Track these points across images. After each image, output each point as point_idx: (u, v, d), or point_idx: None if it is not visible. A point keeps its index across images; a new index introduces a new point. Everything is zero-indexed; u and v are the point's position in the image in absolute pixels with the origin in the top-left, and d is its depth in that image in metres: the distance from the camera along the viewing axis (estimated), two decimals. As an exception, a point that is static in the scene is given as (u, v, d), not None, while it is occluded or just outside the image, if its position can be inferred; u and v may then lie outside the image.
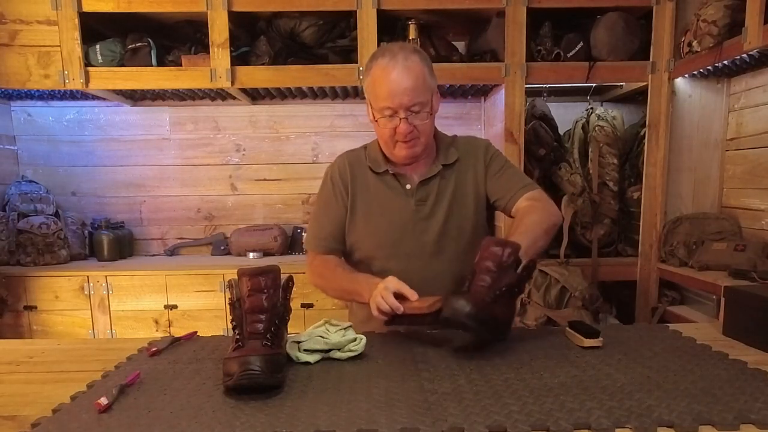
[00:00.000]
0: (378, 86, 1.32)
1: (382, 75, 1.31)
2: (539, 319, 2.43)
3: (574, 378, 1.00)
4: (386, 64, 1.30)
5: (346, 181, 1.46)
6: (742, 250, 2.17)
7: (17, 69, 2.55)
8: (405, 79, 1.29)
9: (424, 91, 1.32)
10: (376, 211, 1.44)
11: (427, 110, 1.34)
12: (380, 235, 1.43)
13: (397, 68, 1.29)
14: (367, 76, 1.36)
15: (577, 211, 2.66)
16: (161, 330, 2.67)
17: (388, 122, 1.33)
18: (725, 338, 1.26)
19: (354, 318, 1.54)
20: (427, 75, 1.33)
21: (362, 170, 1.46)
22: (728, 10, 2.09)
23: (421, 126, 1.34)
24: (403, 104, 1.30)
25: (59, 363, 1.18)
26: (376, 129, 1.39)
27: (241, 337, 0.99)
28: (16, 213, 2.77)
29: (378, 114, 1.34)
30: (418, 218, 1.42)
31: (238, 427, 0.83)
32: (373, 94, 1.35)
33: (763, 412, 0.85)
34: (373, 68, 1.34)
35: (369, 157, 1.47)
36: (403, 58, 1.30)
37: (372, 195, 1.44)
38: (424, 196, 1.42)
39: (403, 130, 1.32)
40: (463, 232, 1.44)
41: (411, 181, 1.43)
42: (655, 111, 2.57)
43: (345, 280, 1.39)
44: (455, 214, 1.43)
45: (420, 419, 0.84)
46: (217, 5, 2.47)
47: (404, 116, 1.31)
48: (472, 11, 2.59)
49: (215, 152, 3.12)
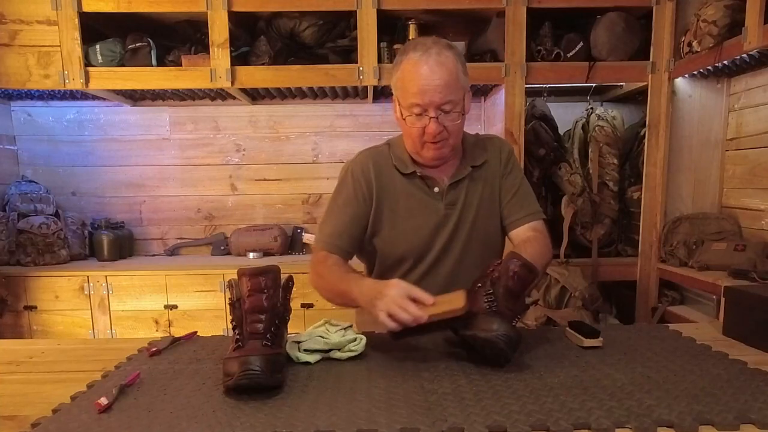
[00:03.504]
0: (408, 82, 1.24)
1: (413, 70, 1.23)
2: (539, 319, 2.43)
3: (574, 378, 1.00)
4: (418, 58, 1.23)
5: (370, 181, 1.37)
6: (742, 250, 2.17)
7: (17, 69, 2.55)
8: (437, 76, 1.21)
9: (456, 90, 1.24)
10: (403, 214, 1.37)
11: (459, 110, 1.26)
12: (408, 240, 1.36)
13: (429, 63, 1.21)
14: (397, 71, 1.28)
15: (577, 211, 2.66)
16: (161, 330, 2.66)
17: (416, 121, 1.26)
18: (725, 338, 1.26)
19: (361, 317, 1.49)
20: (460, 72, 1.25)
21: (388, 170, 1.38)
22: (728, 10, 2.08)
23: (452, 127, 1.27)
24: (434, 102, 1.23)
25: (59, 363, 1.18)
26: (403, 127, 1.32)
27: (241, 337, 0.99)
28: (16, 213, 2.77)
29: (406, 112, 1.27)
30: (448, 222, 1.36)
31: (238, 427, 0.83)
32: (401, 90, 1.27)
33: (763, 412, 0.85)
34: (404, 62, 1.26)
35: (395, 156, 1.38)
36: (436, 53, 1.22)
37: (399, 197, 1.37)
38: (453, 199, 1.37)
39: (432, 130, 1.25)
40: (490, 237, 1.40)
41: (440, 183, 1.37)
42: (655, 111, 2.57)
43: (338, 279, 1.27)
44: (483, 218, 1.39)
45: (420, 419, 0.84)
46: (217, 5, 2.47)
47: (434, 115, 1.24)
48: (472, 11, 2.59)
49: (215, 152, 3.12)
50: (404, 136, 1.36)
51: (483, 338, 1.03)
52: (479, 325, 1.05)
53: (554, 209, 2.75)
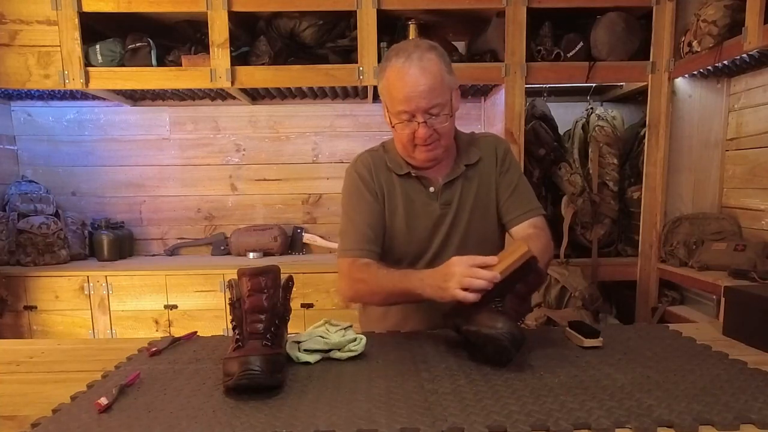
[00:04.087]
0: (393, 89, 1.25)
1: (397, 77, 1.23)
2: (539, 319, 2.43)
3: (574, 378, 1.00)
4: (401, 65, 1.23)
5: (376, 179, 1.39)
6: (742, 250, 2.17)
7: (17, 69, 2.55)
8: (421, 81, 1.21)
9: (442, 92, 1.24)
10: (400, 214, 1.37)
11: (447, 112, 1.26)
12: (405, 240, 1.37)
13: (413, 69, 1.21)
14: (382, 79, 1.28)
15: (577, 211, 2.66)
16: (161, 330, 2.66)
17: (405, 127, 1.26)
18: (725, 338, 1.26)
19: (366, 317, 1.49)
20: (445, 73, 1.25)
21: (385, 172, 1.39)
22: (728, 10, 2.08)
23: (441, 129, 1.27)
24: (421, 107, 1.23)
25: (59, 363, 1.18)
26: (394, 133, 1.33)
27: (241, 337, 0.99)
28: (16, 213, 2.77)
29: (395, 119, 1.27)
30: (444, 222, 1.37)
31: (238, 427, 0.83)
32: (388, 98, 1.28)
33: (763, 412, 0.85)
34: (387, 70, 1.26)
35: (389, 158, 1.40)
36: (418, 58, 1.22)
37: (397, 198, 1.38)
38: (448, 198, 1.37)
39: (422, 134, 1.25)
40: (486, 237, 1.40)
41: (435, 183, 1.37)
42: (655, 111, 2.57)
43: (394, 281, 1.24)
44: (478, 216, 1.39)
45: (420, 419, 0.84)
46: (217, 5, 2.47)
47: (423, 120, 1.24)
48: (472, 11, 2.59)
49: (215, 152, 3.12)
50: (395, 140, 1.37)
51: (486, 335, 1.03)
52: (483, 321, 1.05)
53: (554, 209, 2.75)
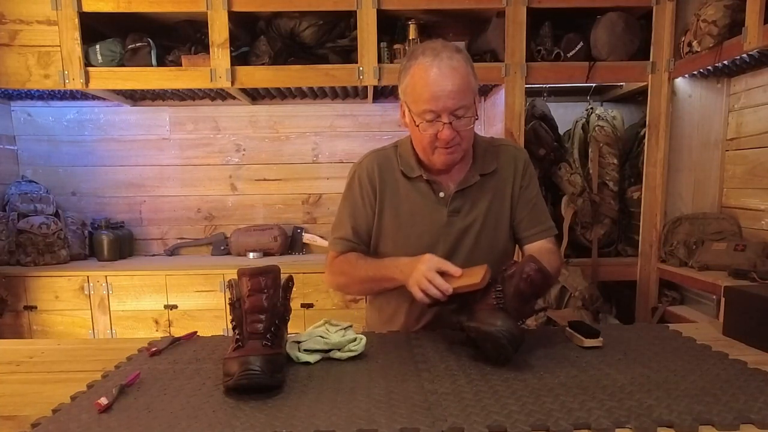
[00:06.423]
0: (420, 88, 1.22)
1: (425, 76, 1.20)
2: (539, 319, 2.43)
3: (574, 378, 1.00)
4: (429, 63, 1.20)
5: (375, 184, 1.37)
6: (742, 250, 2.17)
7: (17, 69, 2.55)
8: (450, 81, 1.19)
9: (468, 94, 1.23)
10: (406, 218, 1.36)
11: (471, 114, 1.24)
12: (409, 245, 1.34)
13: (442, 68, 1.19)
14: (405, 77, 1.26)
15: (577, 211, 2.66)
16: (161, 330, 2.66)
17: (429, 127, 1.23)
18: (725, 338, 1.26)
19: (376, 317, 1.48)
20: (471, 76, 1.23)
21: (393, 173, 1.37)
22: (728, 10, 2.08)
23: (464, 132, 1.25)
24: (448, 108, 1.20)
25: (59, 363, 1.18)
26: (415, 134, 1.30)
27: (241, 337, 0.99)
28: (16, 213, 2.77)
29: (419, 118, 1.24)
30: (451, 230, 1.34)
31: (238, 427, 0.83)
32: (412, 97, 1.25)
33: (763, 412, 0.85)
34: (413, 68, 1.23)
35: (401, 159, 1.37)
36: (448, 57, 1.20)
37: (402, 201, 1.36)
38: (458, 206, 1.34)
39: (446, 135, 1.22)
40: (495, 248, 1.37)
41: (446, 189, 1.35)
42: (655, 111, 2.57)
43: (370, 268, 1.30)
44: (489, 228, 1.36)
45: (420, 419, 0.84)
46: (217, 5, 2.47)
47: (448, 121, 1.21)
48: (472, 11, 2.59)
49: (215, 152, 3.12)
50: (414, 141, 1.34)
51: (485, 331, 1.04)
52: (483, 318, 1.05)
53: (554, 209, 2.75)
